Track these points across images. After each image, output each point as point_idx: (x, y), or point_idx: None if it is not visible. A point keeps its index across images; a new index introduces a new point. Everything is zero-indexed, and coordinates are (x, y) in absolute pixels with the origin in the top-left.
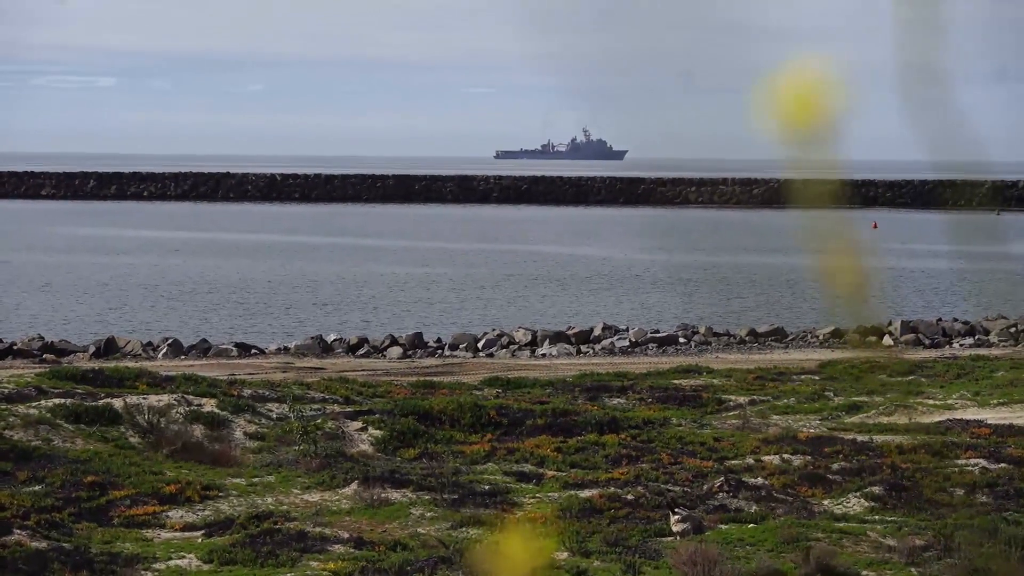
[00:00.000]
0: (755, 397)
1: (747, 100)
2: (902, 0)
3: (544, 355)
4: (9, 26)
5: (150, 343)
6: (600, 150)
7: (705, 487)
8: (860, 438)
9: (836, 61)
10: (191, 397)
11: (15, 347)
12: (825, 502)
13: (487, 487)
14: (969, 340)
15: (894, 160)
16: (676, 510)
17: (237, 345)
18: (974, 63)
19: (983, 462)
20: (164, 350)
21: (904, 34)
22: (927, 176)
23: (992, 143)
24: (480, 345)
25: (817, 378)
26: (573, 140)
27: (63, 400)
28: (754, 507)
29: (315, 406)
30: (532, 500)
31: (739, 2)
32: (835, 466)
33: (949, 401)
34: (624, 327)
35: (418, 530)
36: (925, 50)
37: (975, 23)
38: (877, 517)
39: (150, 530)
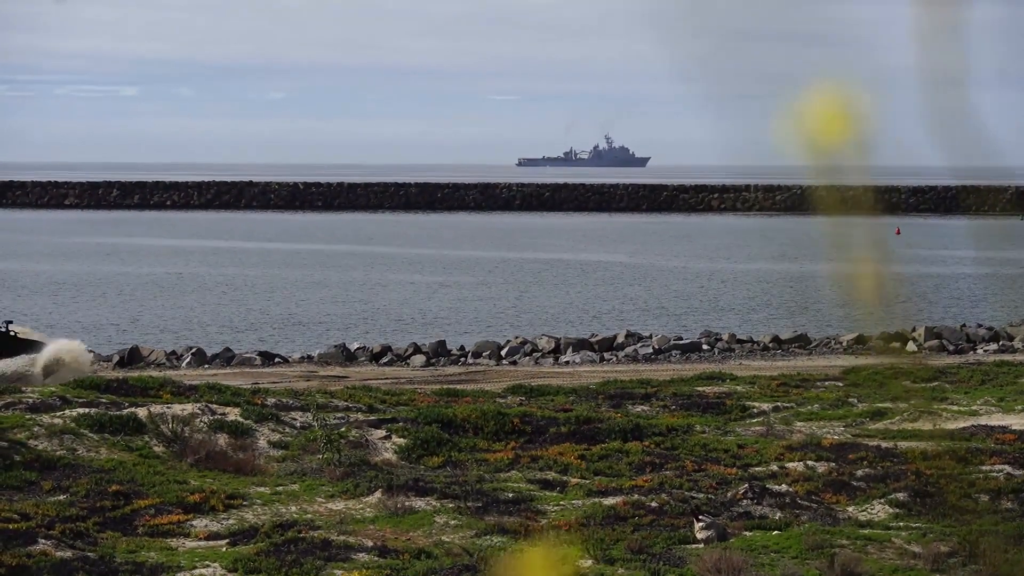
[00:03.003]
0: (779, 404)
1: (772, 107)
2: (923, 6)
3: (567, 363)
4: (32, 35)
5: (174, 352)
6: (623, 157)
7: (729, 494)
8: (884, 444)
9: (860, 70)
10: (215, 406)
11: None
12: (849, 509)
13: (511, 495)
14: (993, 346)
15: (914, 166)
16: (700, 517)
17: (260, 354)
18: (993, 67)
19: (1008, 468)
20: (188, 359)
21: (925, 40)
22: (950, 182)
23: (1015, 148)
24: (503, 353)
25: (841, 384)
26: (595, 147)
27: (87, 410)
28: (778, 514)
29: (339, 414)
30: (556, 508)
31: (754, 6)
32: (859, 472)
33: (973, 407)
34: (647, 334)
35: (442, 538)
36: (945, 56)
37: (996, 27)
38: (902, 523)
39: (174, 539)
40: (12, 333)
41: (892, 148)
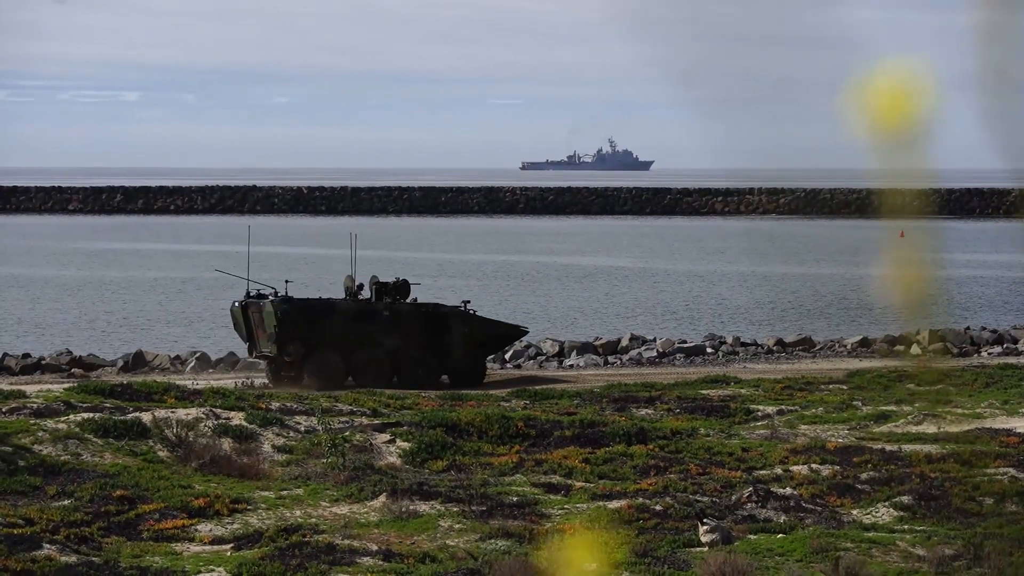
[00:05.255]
0: (783, 407)
1: (767, 112)
2: (982, 9)
3: (571, 366)
4: (35, 41)
5: (178, 357)
6: (626, 160)
7: (734, 497)
8: (889, 447)
9: (923, 66)
10: (219, 410)
11: (43, 362)
12: (854, 512)
13: (515, 499)
14: (998, 348)
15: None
16: (705, 520)
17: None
18: None
19: (1012, 471)
20: (192, 363)
21: (984, 43)
22: (953, 185)
23: None
24: (507, 356)
25: (845, 387)
26: (599, 151)
27: (92, 414)
28: (783, 517)
29: (343, 419)
30: (560, 511)
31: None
32: (864, 476)
33: (978, 410)
34: (652, 337)
35: (447, 542)
36: (1004, 59)
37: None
38: (906, 526)
39: (179, 544)
40: (472, 312)
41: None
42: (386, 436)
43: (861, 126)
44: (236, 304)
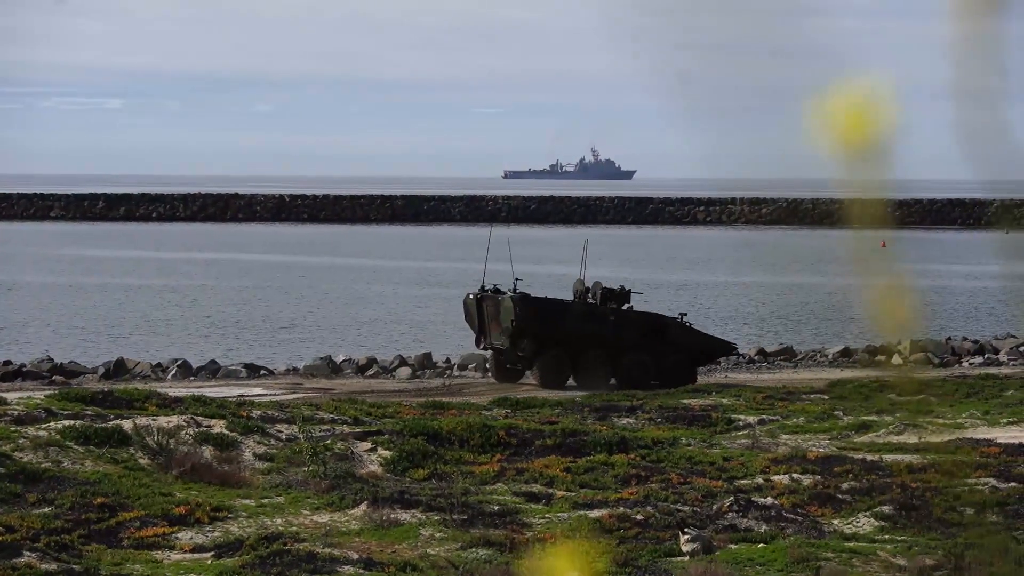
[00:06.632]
0: (764, 417)
1: (754, 121)
2: (957, 20)
3: None
4: (17, 48)
5: (159, 364)
6: (608, 170)
7: (715, 507)
8: (870, 457)
9: (885, 79)
10: (200, 418)
11: (24, 369)
12: (835, 521)
13: (496, 507)
14: (979, 359)
15: (900, 179)
16: (685, 530)
17: (246, 366)
18: None
19: (993, 481)
20: (173, 371)
21: (958, 54)
22: (936, 195)
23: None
24: (488, 365)
25: (826, 397)
26: (581, 160)
27: (72, 422)
28: (764, 527)
29: (324, 427)
30: (542, 521)
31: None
32: (845, 485)
33: (959, 420)
34: None
35: (427, 551)
36: (979, 70)
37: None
38: (887, 536)
39: (160, 552)
40: (688, 324)
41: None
42: (367, 444)
43: (823, 139)
44: (471, 296)
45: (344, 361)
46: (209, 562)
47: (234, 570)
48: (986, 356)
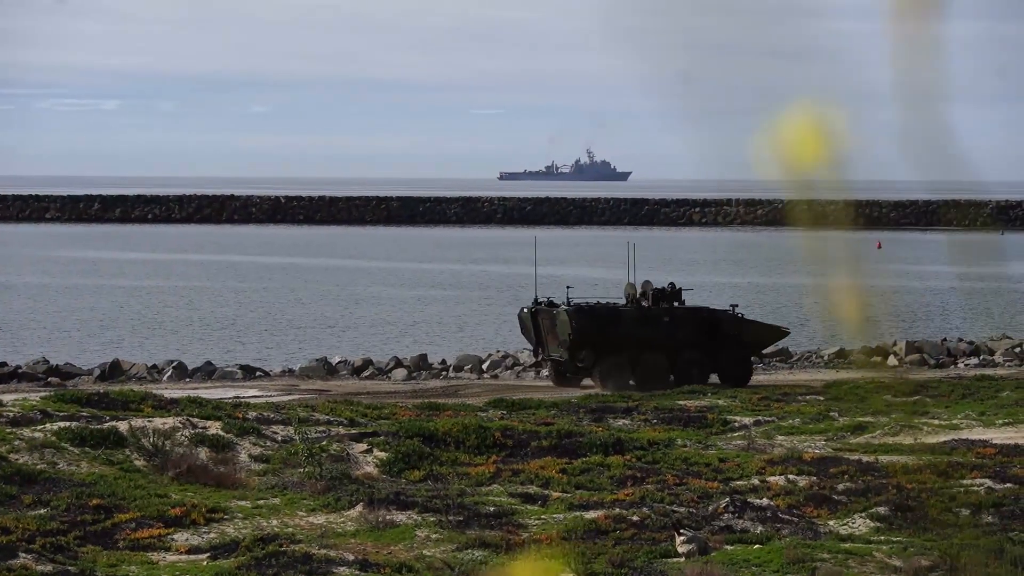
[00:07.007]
0: (760, 418)
1: (750, 123)
2: (899, 20)
3: (549, 376)
4: (11, 49)
5: (155, 366)
6: (604, 171)
7: (710, 508)
8: (865, 458)
9: (837, 86)
10: (196, 420)
11: (20, 370)
12: (831, 522)
13: (492, 509)
14: (974, 360)
15: (893, 180)
16: (681, 531)
17: (242, 368)
18: (973, 83)
19: (988, 482)
20: (169, 373)
21: (900, 54)
22: (929, 196)
23: (993, 163)
24: (485, 367)
25: (822, 398)
26: (577, 161)
27: (68, 423)
28: (759, 528)
29: (320, 428)
30: (537, 522)
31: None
32: (840, 486)
33: (954, 421)
34: None
35: (423, 552)
36: (920, 71)
37: (974, 43)
38: (883, 537)
39: (155, 553)
40: (740, 315)
41: (870, 163)
42: (363, 446)
43: (773, 165)
44: (525, 310)
45: (340, 363)
46: (205, 563)
47: (230, 571)
48: (982, 357)
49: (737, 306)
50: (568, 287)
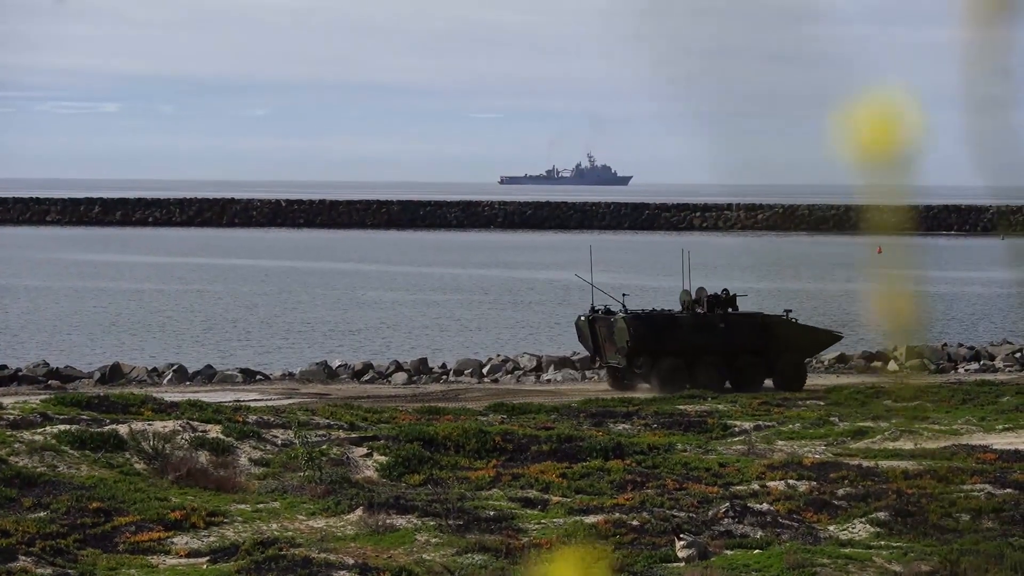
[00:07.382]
0: (760, 422)
1: (755, 127)
2: (968, 27)
3: (549, 380)
4: (12, 52)
5: (155, 369)
6: (605, 176)
7: (710, 513)
8: (865, 463)
9: (909, 89)
10: (196, 423)
11: (20, 373)
12: (831, 528)
13: (492, 513)
14: (975, 365)
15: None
16: (681, 536)
17: (242, 371)
18: None
19: (989, 487)
20: (169, 376)
21: (969, 61)
22: (932, 201)
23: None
24: (485, 371)
25: (822, 403)
26: (578, 166)
27: (68, 426)
28: (759, 533)
29: (320, 432)
30: (537, 526)
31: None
32: (841, 491)
33: (955, 426)
34: None
35: (423, 556)
36: (989, 77)
37: None
38: (883, 543)
39: (155, 556)
40: (794, 320)
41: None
42: (363, 450)
43: (847, 148)
44: (582, 318)
45: (340, 366)
46: (205, 567)
47: (229, 574)
48: (982, 362)
49: (791, 311)
50: (624, 294)
